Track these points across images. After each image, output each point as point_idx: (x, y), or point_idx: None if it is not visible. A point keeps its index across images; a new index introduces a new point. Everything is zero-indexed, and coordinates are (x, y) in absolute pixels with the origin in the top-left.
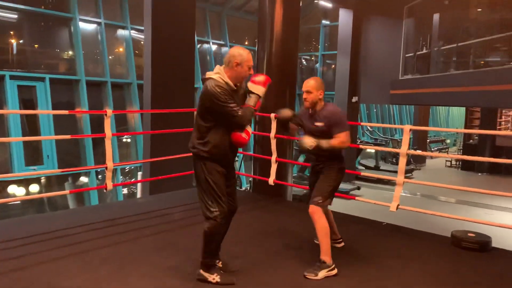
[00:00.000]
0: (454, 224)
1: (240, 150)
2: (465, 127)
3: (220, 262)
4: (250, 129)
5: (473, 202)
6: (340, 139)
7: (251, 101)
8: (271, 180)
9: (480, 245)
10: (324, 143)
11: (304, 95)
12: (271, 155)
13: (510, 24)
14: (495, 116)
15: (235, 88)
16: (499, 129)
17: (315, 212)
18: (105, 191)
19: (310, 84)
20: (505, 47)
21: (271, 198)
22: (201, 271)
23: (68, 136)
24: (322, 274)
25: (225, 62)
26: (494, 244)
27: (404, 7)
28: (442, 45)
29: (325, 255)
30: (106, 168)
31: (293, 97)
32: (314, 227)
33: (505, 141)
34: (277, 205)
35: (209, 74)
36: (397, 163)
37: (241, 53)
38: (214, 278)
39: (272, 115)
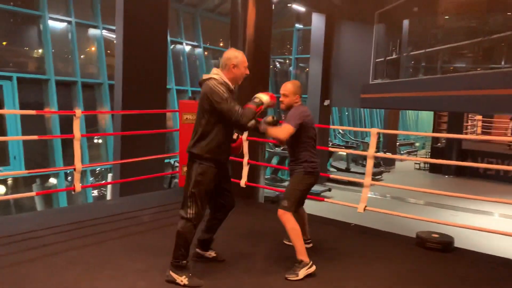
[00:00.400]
0: (421, 225)
1: None
2: (433, 131)
3: (214, 252)
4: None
5: (441, 204)
6: (279, 129)
7: (252, 103)
8: (243, 182)
9: (443, 245)
10: (262, 128)
11: (281, 98)
12: (242, 157)
13: (475, 31)
14: (461, 121)
15: (232, 89)
16: (465, 133)
17: (282, 215)
18: (73, 192)
19: (287, 87)
20: (470, 53)
21: (243, 200)
22: (171, 272)
23: (35, 137)
24: (302, 273)
25: (222, 65)
26: (457, 244)
27: (375, 13)
28: (411, 50)
29: (301, 255)
30: (75, 169)
31: None
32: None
33: (471, 145)
34: (248, 206)
35: (208, 75)
36: None
37: (236, 55)
38: (183, 280)
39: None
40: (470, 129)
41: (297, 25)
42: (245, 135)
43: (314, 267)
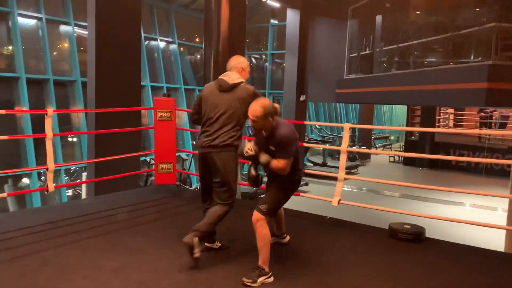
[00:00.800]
0: (395, 217)
1: (190, 150)
2: (407, 125)
3: (218, 242)
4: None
5: (415, 195)
6: (279, 165)
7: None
8: None
9: (414, 236)
10: (264, 159)
11: (250, 122)
12: None
13: (445, 27)
14: (434, 114)
15: None
16: (438, 126)
17: (258, 220)
18: (46, 193)
19: (255, 114)
20: (441, 48)
21: None
22: (196, 239)
23: (5, 137)
24: (260, 281)
25: (233, 68)
26: (429, 234)
27: (349, 9)
28: (384, 46)
29: (264, 264)
30: (47, 169)
31: None
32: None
33: (443, 138)
34: None
35: (234, 79)
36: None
37: (244, 60)
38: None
39: None
40: (442, 122)
41: (273, 21)
42: None
43: (272, 278)
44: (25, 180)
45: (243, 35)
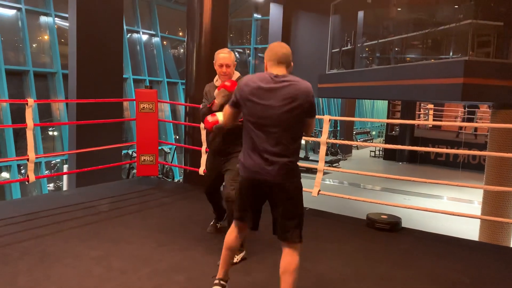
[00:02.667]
0: (374, 208)
1: (173, 141)
2: (388, 119)
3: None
4: (216, 117)
5: (394, 189)
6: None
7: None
8: (201, 170)
9: (391, 226)
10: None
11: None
12: (201, 145)
13: (425, 23)
14: (414, 109)
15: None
16: (418, 121)
17: (296, 255)
18: (27, 183)
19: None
20: (420, 44)
21: (201, 188)
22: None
23: None
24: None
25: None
26: (405, 224)
27: (331, 4)
28: (365, 41)
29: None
30: (28, 159)
31: None
32: None
33: (422, 133)
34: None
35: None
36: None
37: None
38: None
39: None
40: (422, 117)
41: (256, 15)
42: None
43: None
44: (5, 174)
45: (226, 29)
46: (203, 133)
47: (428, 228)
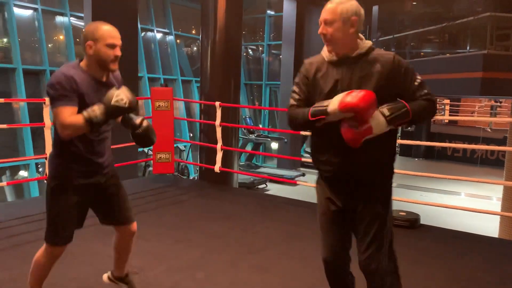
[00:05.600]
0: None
1: (187, 139)
2: None
3: None
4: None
5: (411, 185)
6: None
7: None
8: (217, 167)
9: (410, 223)
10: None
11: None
12: (216, 143)
13: (441, 17)
14: None
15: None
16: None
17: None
18: (45, 181)
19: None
20: (437, 38)
21: (217, 186)
22: None
23: (4, 126)
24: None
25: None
26: (423, 221)
27: None
28: (380, 36)
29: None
30: (46, 158)
31: (237, 87)
32: None
33: (438, 128)
34: (223, 192)
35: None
36: None
37: None
38: None
39: (217, 103)
40: (438, 113)
41: (269, 12)
42: (217, 120)
43: None
44: (23, 173)
45: (240, 26)
46: (218, 131)
47: (446, 225)
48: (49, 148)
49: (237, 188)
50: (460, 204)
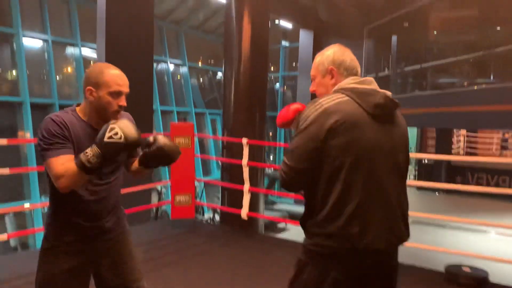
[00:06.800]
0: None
1: (201, 177)
2: (420, 147)
3: None
4: None
5: (429, 223)
6: None
7: None
8: (244, 213)
9: (477, 282)
10: None
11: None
12: (239, 183)
13: (472, 46)
14: (450, 137)
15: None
16: (453, 149)
17: None
18: None
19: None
20: (467, 68)
21: (243, 231)
22: None
23: (6, 170)
24: None
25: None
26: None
27: (364, 28)
28: (404, 66)
29: None
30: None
31: (263, 119)
32: None
33: (460, 161)
34: (250, 239)
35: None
36: None
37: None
38: None
39: (244, 140)
40: (456, 145)
41: (284, 43)
42: (245, 159)
43: None
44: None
45: (266, 56)
46: (246, 171)
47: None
48: None
49: (265, 235)
50: (491, 242)
